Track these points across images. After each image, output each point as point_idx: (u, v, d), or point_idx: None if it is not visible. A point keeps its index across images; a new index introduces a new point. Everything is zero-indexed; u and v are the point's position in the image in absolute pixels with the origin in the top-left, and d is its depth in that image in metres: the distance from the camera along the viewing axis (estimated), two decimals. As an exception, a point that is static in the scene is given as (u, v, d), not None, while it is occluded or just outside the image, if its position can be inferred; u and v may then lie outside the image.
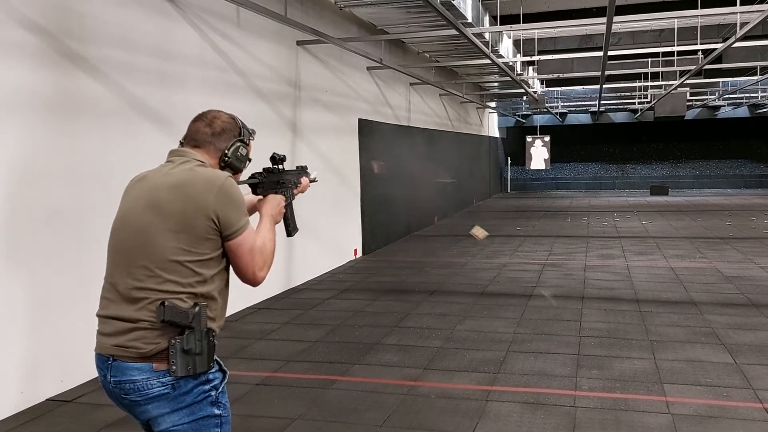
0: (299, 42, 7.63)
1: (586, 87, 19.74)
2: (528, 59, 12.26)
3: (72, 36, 4.33)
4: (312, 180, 2.41)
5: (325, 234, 8.32)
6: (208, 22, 5.87)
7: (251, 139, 2.12)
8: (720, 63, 12.71)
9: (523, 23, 10.18)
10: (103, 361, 1.87)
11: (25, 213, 3.98)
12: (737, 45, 9.68)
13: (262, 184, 2.18)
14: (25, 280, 3.99)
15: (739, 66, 13.55)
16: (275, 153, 2.22)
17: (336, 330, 5.65)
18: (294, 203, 2.32)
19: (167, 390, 1.83)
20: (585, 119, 25.51)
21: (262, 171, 2.19)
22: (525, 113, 24.95)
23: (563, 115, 25.08)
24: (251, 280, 1.96)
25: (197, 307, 1.82)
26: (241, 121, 2.10)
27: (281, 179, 2.21)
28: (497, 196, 23.66)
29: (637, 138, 27.13)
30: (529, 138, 21.99)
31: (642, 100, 20.86)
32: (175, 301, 1.80)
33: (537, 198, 22.33)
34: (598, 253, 9.60)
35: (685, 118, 20.96)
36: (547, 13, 12.75)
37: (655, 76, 16.41)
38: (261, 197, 2.18)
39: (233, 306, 2.03)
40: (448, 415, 3.74)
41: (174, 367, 1.80)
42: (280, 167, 2.22)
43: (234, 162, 2.04)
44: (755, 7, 8.24)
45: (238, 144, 2.05)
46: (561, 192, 25.53)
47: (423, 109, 13.50)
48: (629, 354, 4.79)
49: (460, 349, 5.00)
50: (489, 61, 9.73)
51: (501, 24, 10.90)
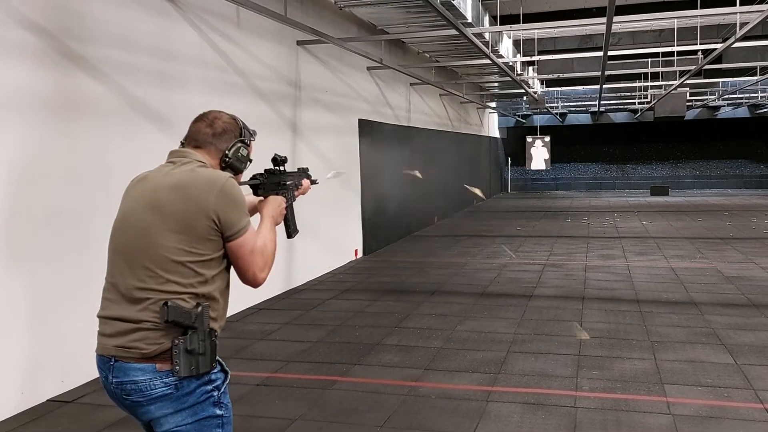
0: (299, 42, 7.63)
1: (586, 87, 19.74)
2: (528, 59, 12.25)
3: (72, 36, 4.33)
4: (313, 182, 2.41)
5: (326, 234, 8.31)
6: (208, 22, 5.87)
7: (252, 140, 2.12)
8: (720, 63, 12.72)
9: (523, 23, 10.19)
10: (105, 362, 1.86)
11: (25, 213, 3.98)
12: (737, 45, 9.68)
13: (263, 185, 2.18)
14: (25, 280, 3.99)
15: (739, 66, 13.55)
16: (277, 154, 2.22)
17: (336, 330, 5.65)
18: (294, 204, 2.32)
19: (170, 390, 1.83)
20: (585, 119, 25.51)
21: (263, 172, 2.19)
22: (525, 113, 24.95)
23: (563, 116, 25.09)
24: (252, 281, 1.96)
25: (200, 308, 1.82)
26: (242, 122, 2.10)
27: (282, 180, 2.22)
28: (497, 196, 23.66)
29: (638, 138, 27.13)
30: (530, 138, 21.99)
31: (642, 100, 20.87)
32: (178, 302, 1.80)
33: (537, 198, 22.33)
34: (598, 254, 9.60)
35: (685, 118, 20.97)
36: (547, 13, 12.75)
37: (655, 76, 16.42)
38: (262, 198, 2.18)
39: (234, 306, 2.03)
40: (448, 416, 3.74)
41: (177, 368, 1.80)
42: (281, 168, 2.22)
43: (235, 163, 2.04)
44: (755, 8, 8.23)
45: (239, 145, 2.05)
46: (561, 192, 25.53)
47: (423, 110, 13.50)
48: (630, 354, 4.79)
49: (460, 350, 5.00)
50: (489, 61, 9.73)
51: (501, 24, 10.89)
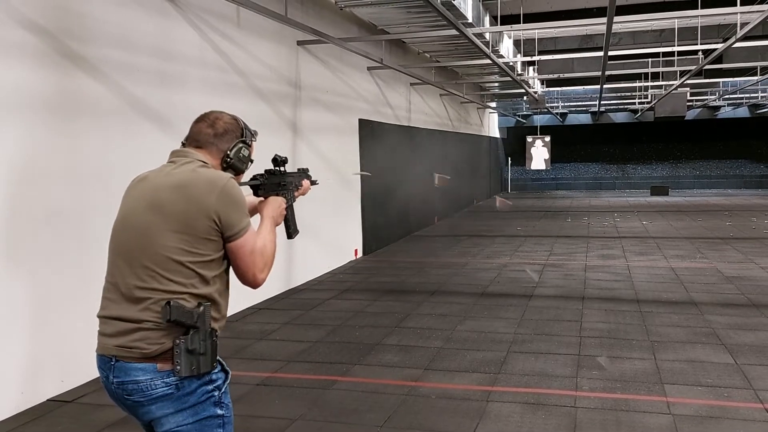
0: (299, 42, 7.63)
1: (586, 87, 19.74)
2: (528, 59, 12.26)
3: (72, 36, 4.33)
4: (313, 182, 2.42)
5: (326, 234, 8.31)
6: (208, 22, 5.87)
7: (253, 141, 2.12)
8: (720, 63, 12.73)
9: (524, 23, 10.19)
10: (106, 362, 1.86)
11: (25, 213, 3.98)
12: (737, 45, 9.68)
13: (263, 185, 2.18)
14: (25, 280, 3.99)
15: (740, 66, 13.57)
16: (277, 155, 2.22)
17: (336, 330, 5.65)
18: (294, 205, 2.32)
19: (171, 390, 1.83)
20: (585, 119, 25.51)
21: (263, 173, 2.19)
22: (525, 113, 24.95)
23: (563, 115, 25.09)
24: (252, 281, 1.96)
25: (202, 307, 1.83)
26: (244, 122, 2.10)
27: (283, 181, 2.22)
28: (497, 196, 23.65)
29: (638, 138, 27.13)
30: (530, 138, 21.97)
31: (642, 100, 20.87)
32: (180, 301, 1.80)
33: (537, 198, 22.33)
34: (598, 254, 9.60)
35: (686, 118, 20.95)
36: (548, 13, 12.76)
37: (656, 76, 16.43)
38: (262, 199, 2.19)
39: (234, 306, 2.03)
40: (448, 416, 3.74)
41: (178, 368, 1.80)
42: (281, 169, 2.22)
43: (236, 163, 2.04)
44: (755, 8, 8.24)
45: (240, 145, 2.05)
46: (561, 192, 25.53)
47: (423, 109, 13.50)
48: (630, 354, 4.79)
49: (460, 350, 5.00)
50: (489, 62, 9.73)
51: (501, 24, 10.90)
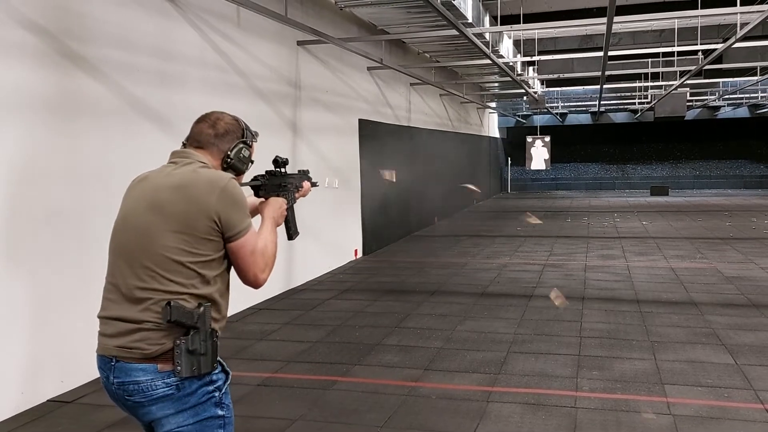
0: (299, 42, 7.62)
1: (586, 87, 19.76)
2: (528, 59, 12.25)
3: (72, 36, 4.33)
4: (314, 184, 2.42)
5: (326, 234, 8.31)
6: (208, 22, 5.87)
7: (254, 141, 2.12)
8: (720, 63, 12.74)
9: (524, 23, 10.19)
10: (106, 363, 1.86)
11: (25, 213, 3.97)
12: (737, 45, 9.69)
13: (264, 186, 2.19)
14: (25, 280, 3.98)
15: (739, 66, 13.57)
16: (278, 156, 2.22)
17: (336, 330, 5.65)
18: (294, 205, 2.32)
19: (172, 391, 1.82)
20: (585, 119, 25.51)
21: (264, 173, 2.19)
22: (525, 113, 24.95)
23: (563, 116, 25.09)
24: (252, 282, 1.96)
25: (202, 308, 1.82)
26: (245, 123, 2.10)
27: (283, 182, 2.22)
28: (497, 196, 23.67)
29: (638, 138, 27.14)
30: (530, 138, 21.98)
31: (642, 100, 20.88)
32: (180, 302, 1.80)
33: (537, 198, 22.33)
34: (598, 254, 9.60)
35: (686, 118, 20.95)
36: (548, 14, 12.77)
37: (656, 76, 16.44)
38: (263, 199, 2.19)
39: (234, 307, 2.03)
40: (448, 416, 3.74)
41: (179, 368, 1.80)
42: (282, 170, 2.22)
43: (237, 164, 2.04)
44: (755, 8, 8.23)
45: (241, 146, 2.05)
46: (561, 192, 25.53)
47: (423, 110, 13.50)
48: (630, 355, 4.79)
49: (460, 350, 5.00)
50: (489, 62, 9.73)
51: (501, 24, 10.90)
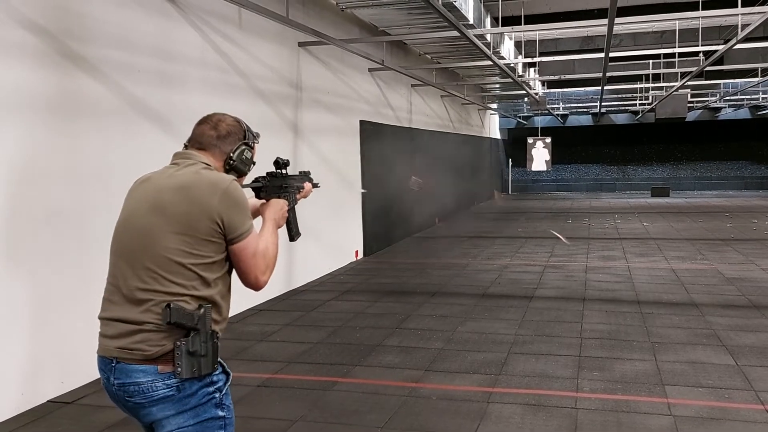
0: (301, 43, 7.62)
1: (587, 88, 19.75)
2: (529, 61, 12.25)
3: (72, 36, 4.33)
4: (315, 185, 2.42)
5: (326, 235, 8.31)
6: (209, 23, 5.87)
7: (256, 143, 2.12)
8: (721, 65, 12.73)
9: (525, 25, 10.19)
10: (106, 364, 1.86)
11: (25, 213, 3.97)
12: (738, 47, 9.67)
13: (265, 188, 2.18)
14: (25, 280, 3.98)
15: (741, 68, 13.56)
16: (279, 157, 2.22)
17: (337, 331, 5.64)
18: (295, 207, 2.31)
19: (172, 392, 1.82)
20: (586, 121, 25.51)
21: (265, 175, 2.19)
22: (526, 115, 24.94)
23: (564, 117, 25.09)
24: (253, 284, 1.96)
25: (202, 309, 1.82)
26: (246, 125, 2.10)
27: (285, 184, 2.22)
28: (498, 197, 23.66)
29: (638, 139, 27.14)
30: (530, 139, 21.97)
31: (643, 101, 20.87)
32: (180, 303, 1.79)
33: (538, 199, 22.33)
34: (599, 255, 9.59)
35: (686, 119, 20.91)
36: (549, 15, 12.76)
37: (657, 77, 16.43)
38: (264, 201, 2.18)
39: (234, 307, 2.02)
40: (449, 417, 3.73)
41: (179, 369, 1.80)
42: (283, 172, 2.22)
43: (239, 165, 2.04)
44: (756, 9, 8.22)
45: (243, 147, 2.05)
46: (562, 193, 25.53)
47: (424, 111, 13.50)
48: (630, 356, 4.78)
49: (461, 351, 4.99)
50: (490, 63, 9.73)
51: (502, 25, 10.91)
